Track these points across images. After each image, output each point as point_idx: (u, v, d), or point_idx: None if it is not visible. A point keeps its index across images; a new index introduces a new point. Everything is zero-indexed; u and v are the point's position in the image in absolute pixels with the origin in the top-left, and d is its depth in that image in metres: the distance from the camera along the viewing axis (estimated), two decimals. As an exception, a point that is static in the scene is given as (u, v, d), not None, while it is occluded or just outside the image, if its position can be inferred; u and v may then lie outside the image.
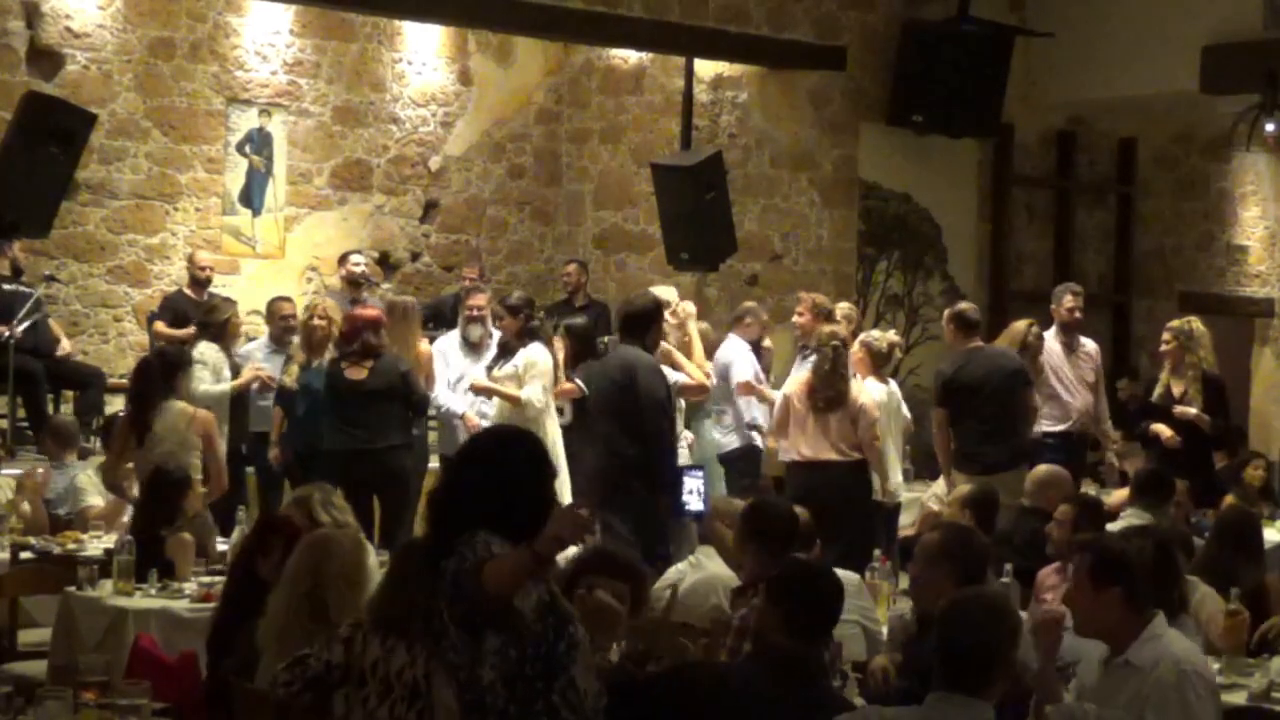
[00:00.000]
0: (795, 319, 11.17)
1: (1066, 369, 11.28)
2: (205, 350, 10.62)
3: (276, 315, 11.45)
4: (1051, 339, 11.26)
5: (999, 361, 10.39)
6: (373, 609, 4.21)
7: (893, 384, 10.74)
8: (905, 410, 10.83)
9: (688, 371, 10.39)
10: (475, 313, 11.18)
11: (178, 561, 7.56)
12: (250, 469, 10.92)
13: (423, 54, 14.73)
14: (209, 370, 10.49)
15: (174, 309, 12.28)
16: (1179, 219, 16.30)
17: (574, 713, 3.92)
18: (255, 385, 10.76)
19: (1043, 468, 8.85)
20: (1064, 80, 14.53)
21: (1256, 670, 6.06)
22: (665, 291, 11.10)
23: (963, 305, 10.83)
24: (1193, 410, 10.98)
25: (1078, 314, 11.41)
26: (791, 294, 13.99)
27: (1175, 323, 11.41)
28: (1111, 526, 7.81)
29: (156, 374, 9.31)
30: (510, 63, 15.22)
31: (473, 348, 11.09)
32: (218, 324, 10.79)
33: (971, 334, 10.43)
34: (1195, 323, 11.31)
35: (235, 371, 10.74)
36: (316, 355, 10.43)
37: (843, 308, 11.54)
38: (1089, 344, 11.55)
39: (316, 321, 10.54)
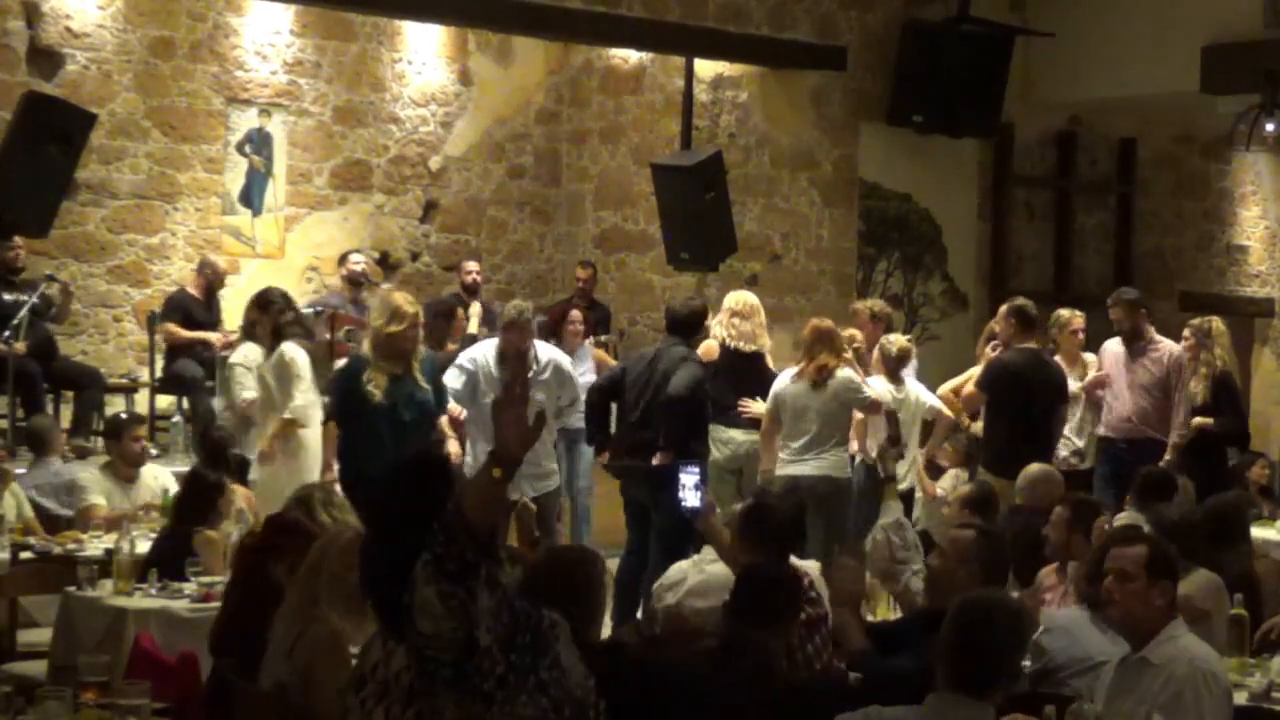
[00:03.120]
0: (858, 331, 10.95)
1: (1118, 374, 10.94)
2: (245, 351, 10.25)
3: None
4: (1113, 342, 11.06)
5: (1053, 371, 10.44)
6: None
7: (910, 385, 10.69)
8: (930, 403, 10.70)
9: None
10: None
11: (204, 557, 7.58)
12: None
13: (423, 54, 14.73)
14: (251, 375, 10.09)
15: (183, 309, 12.26)
16: (1179, 219, 16.31)
17: (560, 690, 3.90)
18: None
19: (1034, 466, 8.86)
20: (1064, 80, 14.53)
21: (1257, 670, 6.07)
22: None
23: (1021, 301, 10.67)
24: (1196, 420, 10.94)
25: (1081, 333, 11.12)
26: (791, 294, 14.03)
27: (1195, 320, 11.39)
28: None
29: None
30: (510, 63, 15.23)
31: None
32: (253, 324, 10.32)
33: (1031, 331, 10.39)
34: (1215, 321, 11.26)
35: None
36: (401, 366, 8.91)
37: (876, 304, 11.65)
38: (1161, 349, 10.97)
39: (412, 330, 8.89)
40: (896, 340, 10.81)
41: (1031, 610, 6.90)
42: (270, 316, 10.00)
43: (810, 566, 6.54)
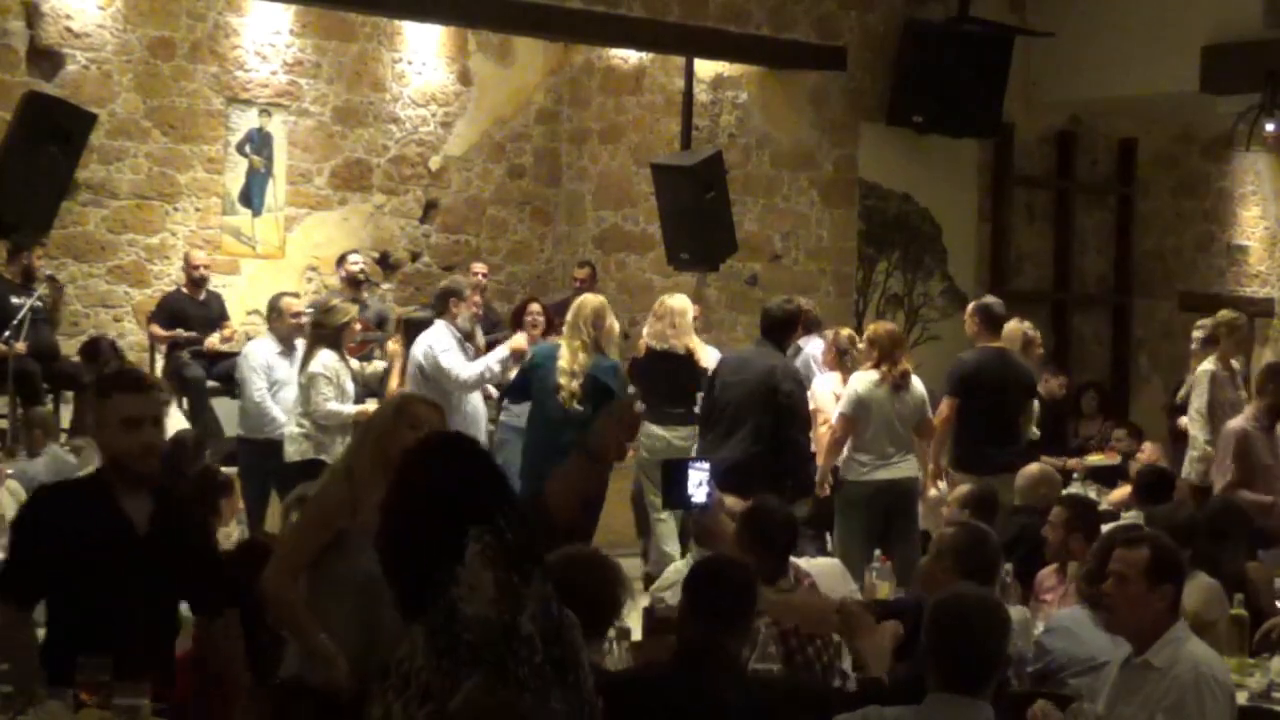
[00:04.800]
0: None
1: None
2: (325, 360, 9.54)
3: (287, 313, 10.41)
4: None
5: (1020, 370, 10.37)
6: None
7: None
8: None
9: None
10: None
11: None
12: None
13: (423, 54, 14.73)
14: (333, 386, 9.51)
15: (170, 310, 12.27)
16: (1179, 219, 16.30)
17: (580, 695, 3.88)
18: None
19: (1033, 466, 8.85)
20: (1064, 80, 14.53)
21: (1256, 670, 6.07)
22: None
23: (988, 299, 10.67)
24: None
25: None
26: (791, 294, 14.00)
27: (1203, 320, 11.37)
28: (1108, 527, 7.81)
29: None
30: (510, 63, 15.23)
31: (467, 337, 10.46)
32: (334, 328, 9.68)
33: (995, 330, 10.35)
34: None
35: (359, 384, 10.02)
36: None
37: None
38: None
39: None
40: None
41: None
42: (97, 367, 10.36)
43: (817, 565, 6.55)
